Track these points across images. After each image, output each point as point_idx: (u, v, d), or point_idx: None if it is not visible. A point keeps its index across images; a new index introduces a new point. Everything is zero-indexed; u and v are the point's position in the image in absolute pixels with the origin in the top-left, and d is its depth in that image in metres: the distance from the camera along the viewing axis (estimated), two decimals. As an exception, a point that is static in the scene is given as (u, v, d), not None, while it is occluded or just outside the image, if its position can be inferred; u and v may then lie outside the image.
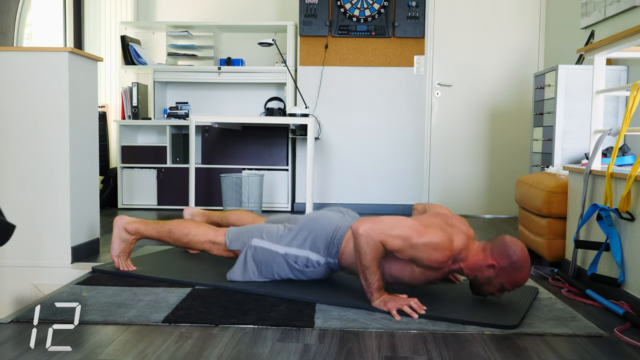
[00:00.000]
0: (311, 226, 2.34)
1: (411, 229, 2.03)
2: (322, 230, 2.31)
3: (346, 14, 4.77)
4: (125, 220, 2.57)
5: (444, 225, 2.11)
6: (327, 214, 2.41)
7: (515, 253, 2.05)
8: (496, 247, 2.09)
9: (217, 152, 4.90)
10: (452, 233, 2.09)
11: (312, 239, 2.31)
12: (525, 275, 2.07)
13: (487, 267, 2.07)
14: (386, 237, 2.01)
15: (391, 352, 1.71)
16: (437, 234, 2.03)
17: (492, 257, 2.07)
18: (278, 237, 2.36)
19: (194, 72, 5.06)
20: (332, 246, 2.28)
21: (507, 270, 2.05)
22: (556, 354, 1.71)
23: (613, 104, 3.54)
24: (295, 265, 2.32)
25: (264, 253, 2.35)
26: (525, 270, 2.06)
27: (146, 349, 1.70)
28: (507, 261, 2.04)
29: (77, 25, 5.17)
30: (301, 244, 2.32)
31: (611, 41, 2.46)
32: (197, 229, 2.50)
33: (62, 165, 2.72)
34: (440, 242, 2.02)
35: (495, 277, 2.07)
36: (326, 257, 2.29)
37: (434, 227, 2.06)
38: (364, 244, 2.00)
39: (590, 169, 2.50)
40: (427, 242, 2.01)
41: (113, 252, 2.57)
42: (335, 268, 2.33)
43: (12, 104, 2.70)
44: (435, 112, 4.93)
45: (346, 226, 2.30)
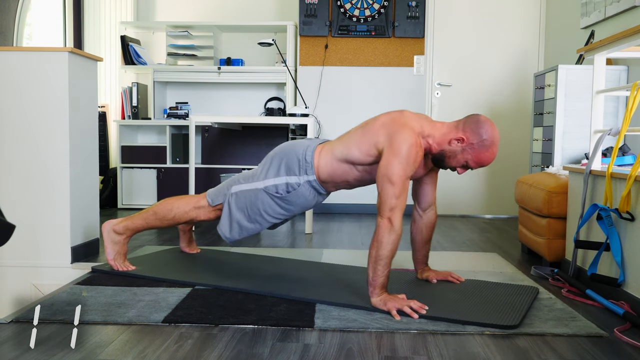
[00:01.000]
0: (280, 154, 2.37)
1: (400, 167, 2.04)
2: (291, 153, 2.33)
3: (346, 14, 4.77)
4: (112, 224, 2.58)
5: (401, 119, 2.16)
6: (293, 142, 2.44)
7: (486, 132, 2.08)
8: (469, 123, 2.12)
9: (217, 152, 4.90)
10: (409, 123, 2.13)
11: (285, 164, 2.33)
12: (491, 155, 2.10)
13: (455, 141, 2.11)
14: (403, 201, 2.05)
15: (391, 352, 1.71)
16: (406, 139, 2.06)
17: (463, 132, 2.10)
18: (254, 176, 2.39)
19: (194, 72, 5.06)
20: (305, 163, 2.29)
21: (474, 147, 2.08)
22: (556, 354, 1.71)
23: (613, 104, 3.54)
24: (277, 194, 2.32)
25: (245, 195, 2.37)
26: (491, 151, 2.09)
27: (146, 349, 1.70)
28: (477, 138, 2.08)
29: (77, 25, 5.17)
30: (276, 173, 2.33)
31: (611, 41, 2.46)
32: (179, 201, 2.53)
33: (62, 165, 2.72)
34: (414, 143, 2.07)
35: (461, 151, 2.11)
36: (303, 176, 2.30)
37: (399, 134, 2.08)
38: (386, 235, 2.01)
39: (590, 169, 2.50)
40: (407, 155, 2.04)
41: (108, 256, 2.57)
42: (319, 188, 2.33)
43: (12, 103, 2.70)
44: (435, 112, 4.93)
45: (314, 145, 2.34)
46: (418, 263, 2.50)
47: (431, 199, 2.41)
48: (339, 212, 4.91)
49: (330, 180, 2.32)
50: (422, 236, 2.44)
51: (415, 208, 2.45)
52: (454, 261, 2.96)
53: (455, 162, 2.15)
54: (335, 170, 2.28)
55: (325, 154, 2.30)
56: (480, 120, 2.11)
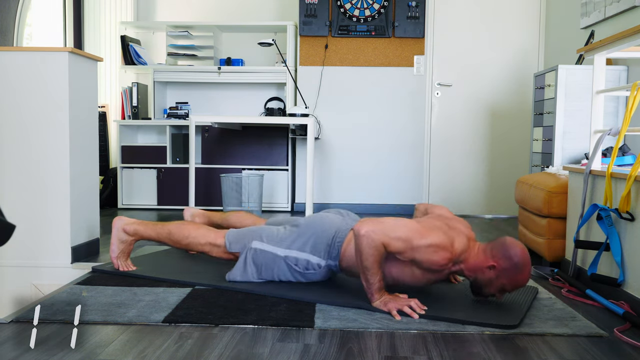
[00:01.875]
0: (312, 229, 2.33)
1: (412, 231, 2.03)
2: (322, 232, 2.30)
3: (346, 14, 4.77)
4: (124, 222, 2.57)
5: (445, 227, 2.11)
6: (327, 217, 2.40)
7: (516, 255, 2.05)
8: (497, 248, 2.09)
9: (217, 152, 4.90)
10: (453, 235, 2.09)
11: (312, 242, 2.30)
12: (526, 276, 2.06)
13: (488, 269, 2.07)
14: (388, 238, 2.01)
15: (391, 352, 1.71)
16: (438, 236, 2.03)
17: (493, 259, 2.07)
18: (278, 239, 2.36)
19: (194, 72, 5.06)
20: (332, 249, 2.27)
21: (507, 272, 2.05)
22: (556, 354, 1.71)
23: (613, 104, 3.54)
24: (296, 267, 2.32)
25: (265, 256, 2.35)
26: (526, 272, 2.06)
27: (146, 349, 1.70)
28: (508, 263, 2.04)
29: (77, 25, 5.17)
30: (302, 247, 2.31)
31: (611, 41, 2.46)
32: (197, 231, 2.50)
33: (62, 165, 2.72)
34: (441, 244, 2.02)
35: (496, 278, 2.07)
36: (327, 260, 2.29)
37: (435, 229, 2.06)
38: (365, 245, 2.00)
39: (590, 169, 2.50)
40: (428, 244, 2.01)
41: (112, 253, 2.57)
42: (336, 270, 2.33)
43: (12, 103, 2.70)
44: (435, 112, 4.93)
45: (346, 228, 2.30)
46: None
47: None
48: (339, 212, 4.90)
49: (348, 269, 2.28)
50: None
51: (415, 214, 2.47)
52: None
53: (493, 289, 2.11)
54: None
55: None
56: (507, 244, 2.08)
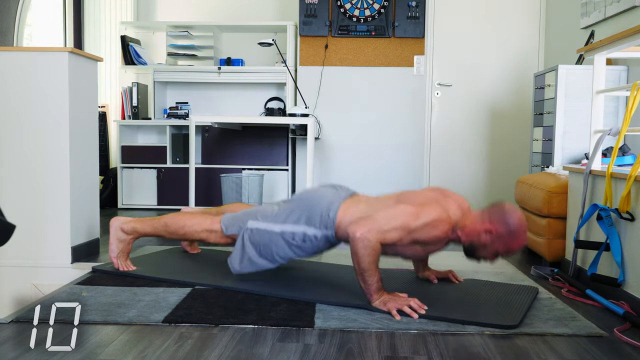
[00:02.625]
0: (305, 201, 2.34)
1: (407, 215, 2.04)
2: (316, 204, 2.30)
3: (346, 14, 4.77)
4: (121, 221, 2.57)
5: (437, 198, 2.12)
6: (320, 190, 2.40)
7: (514, 221, 2.06)
8: (494, 213, 2.09)
9: (217, 152, 4.90)
10: (447, 204, 2.10)
11: (307, 214, 2.30)
12: (521, 242, 2.08)
13: (485, 233, 2.08)
14: (383, 234, 2.01)
15: (391, 352, 1.71)
16: (433, 210, 2.04)
17: (490, 223, 2.08)
18: (273, 216, 2.36)
19: (194, 72, 5.06)
20: (327, 219, 2.26)
21: (503, 237, 2.06)
22: (556, 354, 1.71)
23: (613, 104, 3.54)
24: (293, 241, 2.31)
25: (261, 234, 2.34)
26: (521, 238, 2.07)
27: (146, 349, 1.70)
28: (505, 228, 2.05)
29: (77, 25, 5.17)
30: (296, 220, 2.31)
31: (611, 41, 2.46)
32: (193, 219, 2.50)
33: (62, 165, 2.72)
34: (439, 218, 2.03)
35: (491, 243, 2.08)
36: (322, 230, 2.27)
37: (428, 203, 2.07)
38: (361, 247, 2.00)
39: (590, 169, 2.50)
40: (425, 223, 2.02)
41: (112, 253, 2.57)
42: (334, 240, 2.31)
43: (12, 104, 2.70)
44: (435, 112, 4.93)
45: (340, 199, 2.30)
46: (418, 262, 2.50)
47: None
48: (339, 212, 4.90)
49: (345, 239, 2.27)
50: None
51: None
52: (454, 261, 2.95)
53: (486, 253, 2.11)
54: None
55: (350, 215, 2.22)
56: (506, 209, 2.08)
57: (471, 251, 2.14)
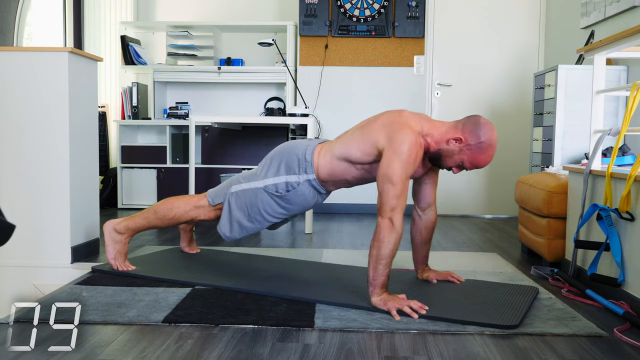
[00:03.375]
0: (280, 153, 2.38)
1: (400, 166, 2.05)
2: (291, 152, 2.34)
3: (346, 14, 4.77)
4: (113, 223, 2.58)
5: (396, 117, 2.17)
6: (293, 141, 2.45)
7: (485, 134, 2.08)
8: (468, 123, 2.12)
9: (217, 152, 4.90)
10: (407, 120, 2.15)
11: (285, 164, 2.33)
12: (487, 158, 2.11)
13: (454, 141, 2.11)
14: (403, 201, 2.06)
15: (391, 352, 1.71)
16: (406, 139, 2.07)
17: (462, 133, 2.11)
18: (253, 175, 2.40)
19: (194, 72, 5.06)
20: (304, 162, 2.30)
21: (471, 148, 2.09)
22: (556, 354, 1.71)
23: (613, 104, 3.54)
24: (277, 193, 2.33)
25: (245, 194, 2.37)
26: (488, 154, 2.10)
27: (146, 349, 1.70)
28: (475, 139, 2.08)
29: (77, 25, 5.17)
30: (276, 172, 2.34)
31: (611, 41, 2.46)
32: (179, 200, 2.54)
33: (62, 165, 2.72)
34: (413, 140, 2.08)
35: (458, 151, 2.11)
36: (303, 175, 2.31)
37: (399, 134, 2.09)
38: (387, 233, 2.02)
39: (590, 169, 2.50)
40: (408, 155, 2.05)
41: (109, 255, 2.57)
42: (318, 186, 2.33)
43: (12, 103, 2.70)
44: (435, 112, 4.93)
45: (315, 144, 2.35)
46: (418, 263, 2.50)
47: (431, 199, 2.41)
48: (339, 212, 4.91)
49: (329, 179, 2.32)
50: (422, 236, 2.44)
51: (415, 208, 2.45)
52: (454, 261, 2.96)
53: (452, 162, 2.16)
54: (335, 169, 2.29)
55: (325, 153, 2.31)
56: (480, 122, 2.11)
57: (436, 159, 2.18)
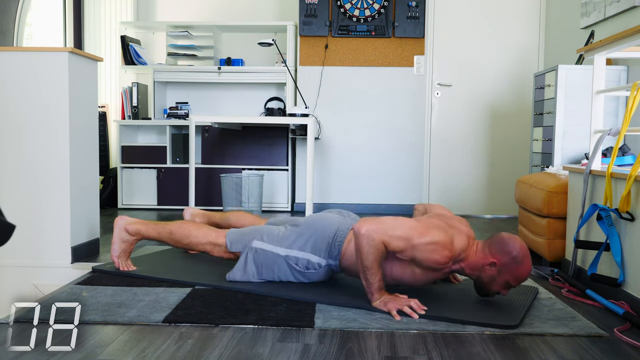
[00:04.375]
0: (312, 228, 2.34)
1: (412, 229, 2.04)
2: (323, 232, 2.31)
3: (346, 14, 4.77)
4: (125, 221, 2.57)
5: (444, 226, 2.11)
6: (328, 216, 2.40)
7: (515, 248, 2.05)
8: (495, 244, 2.09)
9: (217, 152, 4.90)
10: (453, 233, 2.09)
11: (313, 241, 2.31)
12: (527, 268, 2.06)
13: (489, 266, 2.07)
14: (388, 237, 2.01)
15: (391, 352, 1.71)
16: (438, 234, 2.03)
17: (492, 255, 2.07)
18: (279, 239, 2.36)
19: (194, 72, 5.06)
20: (333, 248, 2.28)
21: (509, 266, 2.05)
22: (556, 354, 1.71)
23: (613, 104, 3.54)
24: (296, 267, 2.32)
25: (265, 255, 2.35)
26: (526, 263, 2.06)
27: (146, 349, 1.70)
28: (508, 257, 2.05)
29: (77, 25, 5.17)
30: (302, 246, 2.32)
31: (611, 41, 2.46)
32: (198, 230, 2.50)
33: (62, 165, 2.72)
34: (441, 243, 2.02)
35: (498, 274, 2.07)
36: (327, 259, 2.29)
37: (434, 227, 2.06)
38: (365, 244, 2.00)
39: (590, 169, 2.50)
40: (428, 242, 2.01)
41: (113, 252, 2.57)
42: (336, 269, 2.33)
43: (12, 104, 2.70)
44: (435, 112, 4.93)
45: (347, 228, 2.30)
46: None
47: None
48: (339, 212, 4.90)
49: (348, 269, 2.29)
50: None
51: None
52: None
53: (497, 286, 2.10)
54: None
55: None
56: (505, 239, 2.08)
57: (482, 288, 2.15)
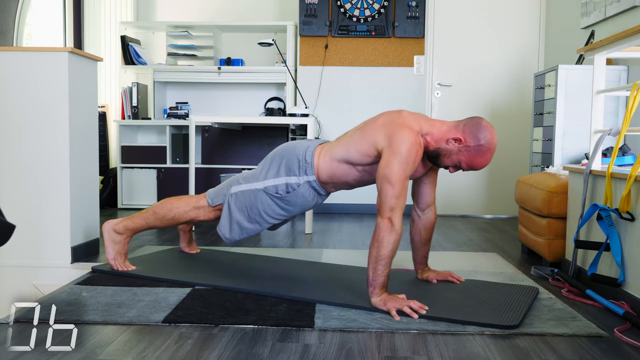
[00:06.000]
0: (280, 154, 2.37)
1: (399, 167, 2.05)
2: (291, 153, 2.34)
3: (346, 14, 4.77)
4: (112, 223, 2.58)
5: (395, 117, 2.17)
6: (293, 142, 2.45)
7: (485, 137, 2.09)
8: (469, 125, 2.12)
9: (217, 152, 4.90)
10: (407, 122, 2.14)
11: (285, 165, 2.33)
12: (485, 161, 2.11)
13: (453, 140, 2.11)
14: (403, 202, 2.06)
15: (391, 352, 1.71)
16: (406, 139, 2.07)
17: (462, 133, 2.11)
18: (254, 176, 2.39)
19: (194, 72, 5.06)
20: (305, 163, 2.30)
21: (470, 150, 2.09)
22: (556, 354, 1.71)
23: (613, 104, 3.54)
24: (277, 194, 2.32)
25: (245, 195, 2.37)
26: (486, 157, 2.10)
27: (146, 349, 1.70)
28: (474, 141, 2.09)
29: (77, 25, 5.17)
30: (276, 173, 2.34)
31: (611, 41, 2.46)
32: (179, 201, 2.53)
33: (62, 165, 2.72)
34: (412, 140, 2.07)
35: (457, 152, 2.12)
36: (303, 176, 2.30)
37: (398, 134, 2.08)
38: (386, 234, 2.02)
39: (590, 169, 2.50)
40: (407, 154, 2.05)
41: (109, 255, 2.57)
42: (318, 187, 2.33)
43: (12, 104, 2.70)
44: (435, 112, 4.93)
45: (315, 145, 2.34)
46: (418, 263, 2.50)
47: (430, 199, 2.41)
48: (338, 212, 4.91)
49: (329, 181, 2.32)
50: (421, 237, 2.44)
51: (414, 208, 2.45)
52: (454, 261, 2.96)
53: (449, 161, 2.16)
54: (335, 171, 2.29)
55: (324, 154, 2.30)
56: (481, 125, 2.11)
57: (435, 157, 2.18)
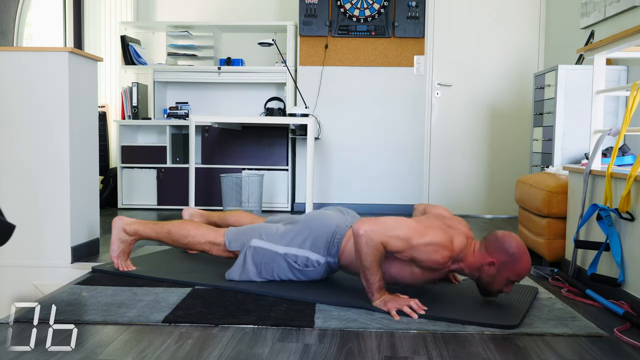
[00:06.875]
0: (311, 226, 2.34)
1: (411, 229, 2.04)
2: (322, 229, 2.31)
3: (346, 14, 4.77)
4: (124, 221, 2.57)
5: (443, 226, 2.11)
6: (326, 213, 2.40)
7: (511, 245, 2.05)
8: (491, 243, 2.09)
9: (217, 152, 4.90)
10: (452, 234, 2.09)
11: (312, 239, 2.31)
12: (526, 263, 2.06)
13: (488, 265, 2.07)
14: (387, 237, 2.01)
15: (391, 352, 1.71)
16: (437, 234, 2.03)
17: (490, 255, 2.07)
18: (278, 237, 2.36)
19: (194, 72, 5.06)
20: (332, 246, 2.28)
21: (507, 264, 2.05)
22: (556, 354, 1.71)
23: (613, 104, 3.54)
24: (295, 265, 2.32)
25: (264, 253, 2.35)
26: (525, 259, 2.06)
27: (146, 349, 1.70)
28: (505, 255, 2.05)
29: (77, 25, 5.17)
30: (301, 244, 2.32)
31: (611, 41, 2.46)
32: (197, 230, 2.50)
33: (62, 165, 2.72)
34: (441, 243, 2.02)
35: (498, 273, 2.07)
36: (326, 257, 2.29)
37: (433, 228, 2.06)
38: (364, 244, 2.00)
39: (590, 169, 2.50)
40: (427, 243, 2.01)
41: (112, 252, 2.57)
42: (335, 267, 2.33)
43: (12, 103, 2.70)
44: (435, 112, 4.93)
45: (346, 225, 2.30)
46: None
47: None
48: (339, 212, 4.90)
49: (347, 266, 2.29)
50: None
51: None
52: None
53: (499, 285, 2.10)
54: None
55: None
56: (500, 237, 2.08)
57: (484, 287, 2.14)
